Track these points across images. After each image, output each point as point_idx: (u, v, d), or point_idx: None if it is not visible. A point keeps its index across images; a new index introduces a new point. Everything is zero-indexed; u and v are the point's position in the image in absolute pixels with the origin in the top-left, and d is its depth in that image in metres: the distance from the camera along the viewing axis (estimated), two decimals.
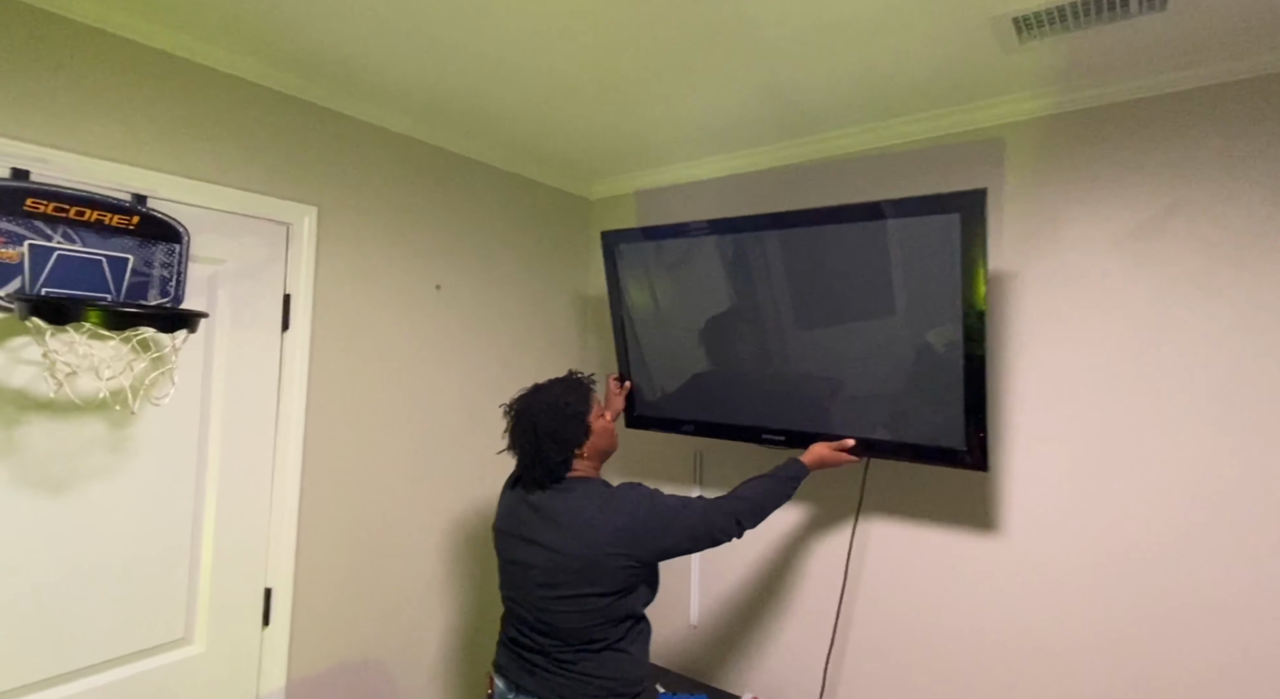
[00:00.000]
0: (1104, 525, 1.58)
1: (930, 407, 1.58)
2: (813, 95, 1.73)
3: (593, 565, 1.38)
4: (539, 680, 1.45)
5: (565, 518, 1.42)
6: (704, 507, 1.47)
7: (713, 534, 1.45)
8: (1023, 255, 1.69)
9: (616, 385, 2.12)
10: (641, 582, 1.45)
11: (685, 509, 1.45)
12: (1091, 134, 1.62)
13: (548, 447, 1.45)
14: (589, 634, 1.41)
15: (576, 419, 1.48)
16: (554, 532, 1.42)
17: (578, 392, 1.53)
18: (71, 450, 1.38)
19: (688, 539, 1.44)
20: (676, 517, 1.43)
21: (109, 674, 1.45)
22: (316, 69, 1.68)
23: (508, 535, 1.53)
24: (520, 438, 1.48)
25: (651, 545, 1.41)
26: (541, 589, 1.42)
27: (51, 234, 1.33)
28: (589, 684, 1.42)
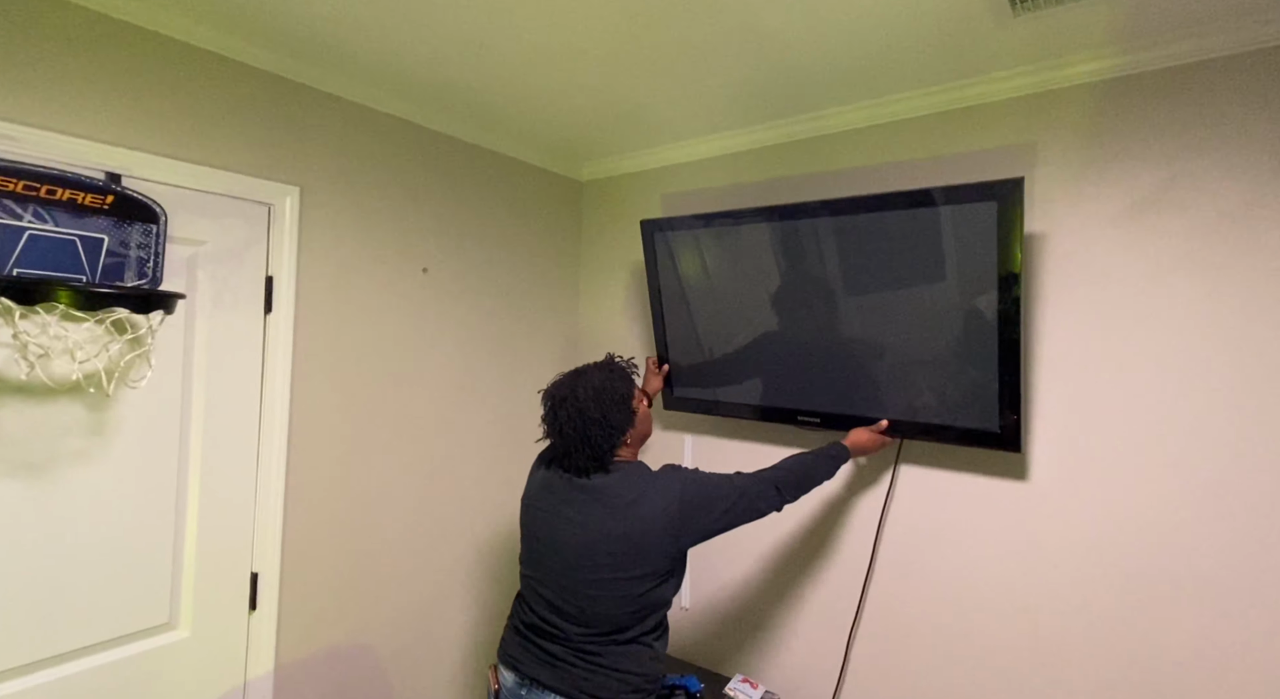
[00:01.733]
0: (1109, 500, 1.56)
1: (964, 388, 1.61)
2: (808, 70, 1.69)
3: (638, 547, 1.34)
4: (559, 674, 1.37)
5: (610, 498, 1.37)
6: (745, 481, 1.47)
7: (756, 505, 1.44)
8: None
9: (655, 367, 2.14)
10: (679, 567, 1.43)
11: (729, 485, 1.44)
12: (1096, 108, 1.59)
13: (595, 433, 1.39)
14: (620, 621, 1.37)
15: (624, 404, 1.43)
16: (597, 511, 1.37)
17: (624, 377, 1.49)
18: (48, 434, 1.36)
19: (733, 515, 1.41)
20: (722, 493, 1.41)
21: (94, 658, 1.44)
22: (299, 46, 1.64)
23: (540, 511, 1.47)
24: (565, 425, 1.41)
25: (699, 525, 1.38)
26: (578, 572, 1.37)
27: (21, 213, 1.30)
28: (614, 678, 1.36)
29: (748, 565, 2.14)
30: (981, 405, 1.59)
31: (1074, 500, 1.60)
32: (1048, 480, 1.63)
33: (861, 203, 1.69)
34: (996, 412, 1.57)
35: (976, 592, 1.72)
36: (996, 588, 1.69)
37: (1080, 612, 1.58)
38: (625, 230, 2.48)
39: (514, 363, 2.37)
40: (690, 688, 1.90)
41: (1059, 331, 1.63)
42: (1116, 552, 1.55)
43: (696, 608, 2.25)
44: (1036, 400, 1.65)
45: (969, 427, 1.62)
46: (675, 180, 2.35)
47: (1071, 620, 1.59)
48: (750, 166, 2.16)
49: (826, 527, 1.98)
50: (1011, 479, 1.68)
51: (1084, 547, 1.59)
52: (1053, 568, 1.62)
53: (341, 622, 1.87)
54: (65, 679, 1.39)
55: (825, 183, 1.98)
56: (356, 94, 1.87)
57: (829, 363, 1.84)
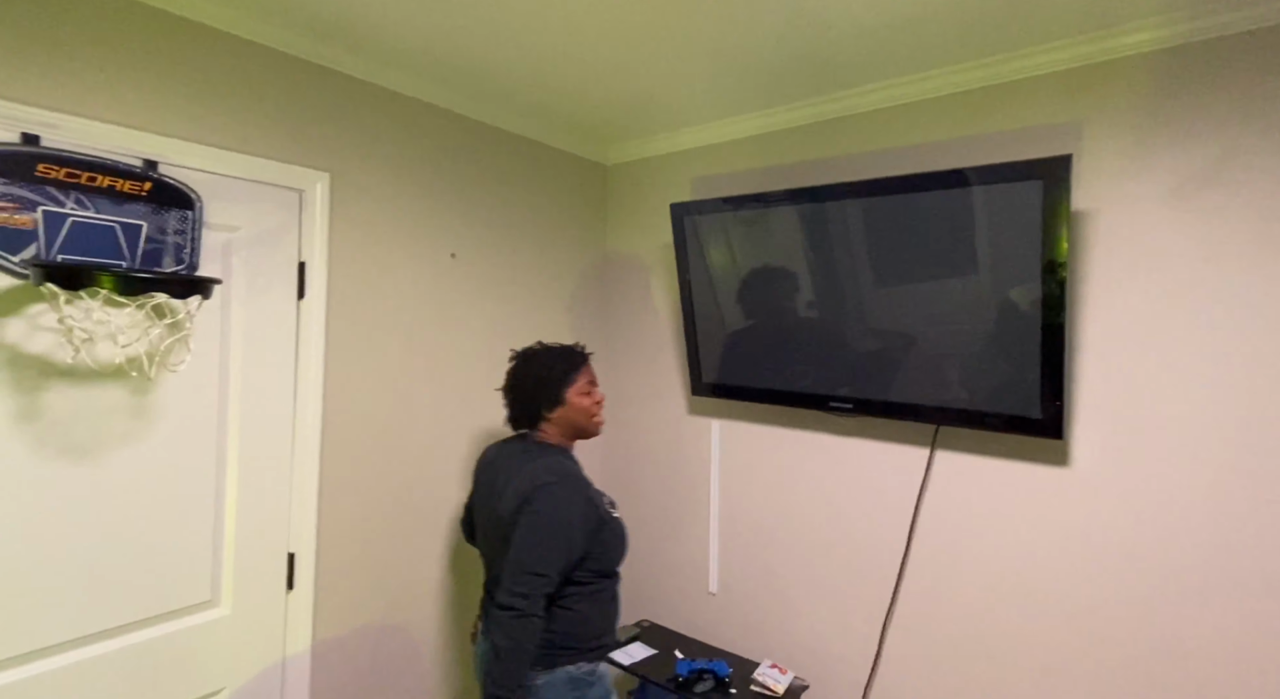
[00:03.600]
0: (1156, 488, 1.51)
1: (1003, 374, 1.57)
2: (840, 46, 1.65)
3: (502, 520, 1.49)
4: (487, 628, 1.50)
5: (512, 473, 1.53)
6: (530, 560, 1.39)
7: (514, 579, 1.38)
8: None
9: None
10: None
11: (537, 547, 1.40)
12: (1146, 80, 1.52)
13: (522, 396, 1.61)
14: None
15: (550, 385, 1.58)
16: (498, 480, 1.56)
17: (566, 361, 1.61)
18: (93, 416, 1.40)
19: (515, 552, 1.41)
20: (532, 539, 1.41)
21: (139, 634, 1.48)
22: (328, 31, 1.64)
23: (476, 481, 1.68)
24: (509, 380, 1.64)
25: (516, 534, 1.43)
26: (488, 540, 1.58)
27: (64, 200, 1.33)
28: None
29: (776, 550, 2.12)
30: (1022, 390, 1.55)
31: (1119, 487, 1.55)
32: (1091, 467, 1.59)
33: (899, 183, 1.65)
34: (1038, 397, 1.53)
35: (1015, 580, 1.69)
36: (1036, 577, 1.66)
37: (1124, 602, 1.54)
38: (652, 214, 2.45)
39: None
40: (718, 673, 1.90)
41: (1105, 314, 1.57)
42: (1163, 540, 1.50)
43: (723, 592, 2.25)
44: (1080, 385, 1.60)
45: (1009, 412, 1.58)
46: (703, 163, 2.31)
47: (1114, 611, 1.55)
48: (781, 148, 2.11)
49: (859, 512, 1.95)
50: (1052, 465, 1.63)
51: (1129, 535, 1.54)
52: (1095, 556, 1.58)
53: (376, 601, 1.91)
54: (117, 652, 1.44)
55: (859, 164, 1.94)
56: (385, 79, 1.87)
57: (862, 347, 1.80)
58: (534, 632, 1.39)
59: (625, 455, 2.56)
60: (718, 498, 2.27)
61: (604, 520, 1.52)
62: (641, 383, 2.50)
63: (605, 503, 1.57)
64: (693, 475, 2.34)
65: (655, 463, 2.46)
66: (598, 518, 1.49)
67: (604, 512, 1.53)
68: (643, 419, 2.50)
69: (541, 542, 1.42)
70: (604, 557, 1.52)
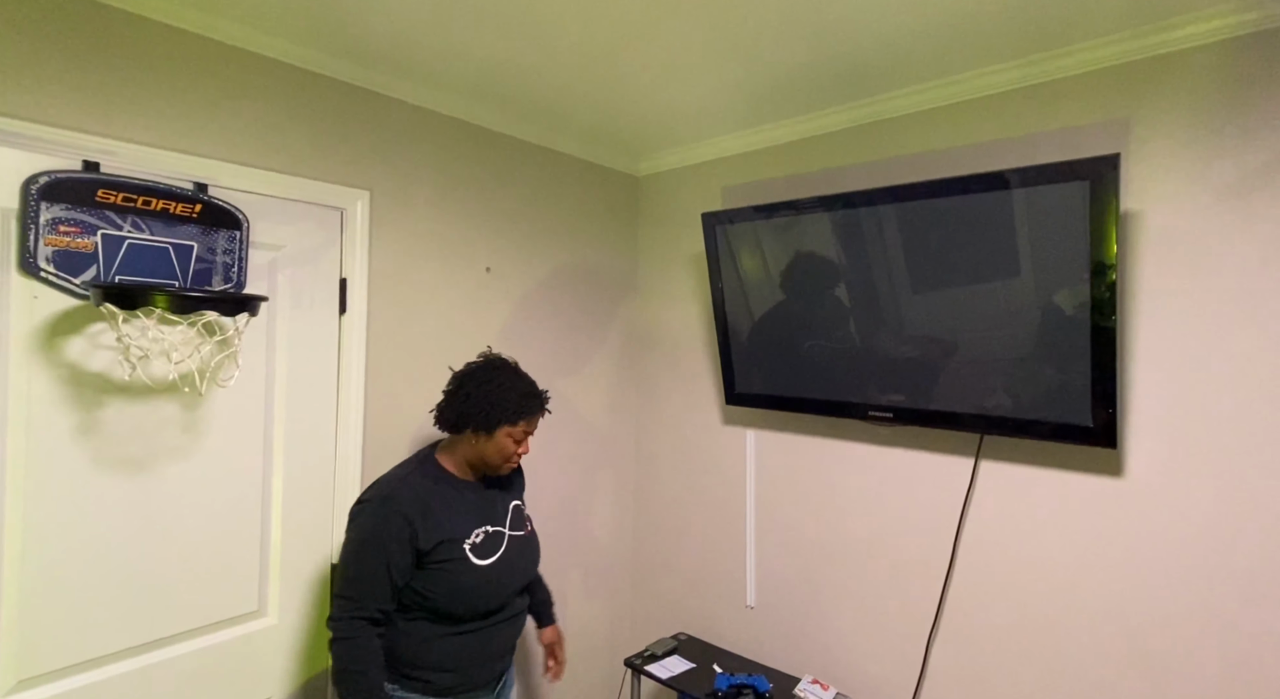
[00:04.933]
0: (1216, 499, 1.45)
1: (1051, 380, 1.52)
2: (873, 50, 1.63)
3: None
4: None
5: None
6: (341, 582, 1.38)
7: (332, 596, 1.39)
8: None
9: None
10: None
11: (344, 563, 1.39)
12: (1201, 75, 1.47)
13: (458, 404, 1.48)
14: None
15: (491, 413, 1.46)
16: None
17: (520, 401, 1.49)
18: (148, 431, 1.45)
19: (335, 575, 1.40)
20: (343, 556, 1.40)
21: (191, 643, 1.52)
22: (365, 52, 1.69)
23: None
24: (459, 381, 1.52)
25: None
26: None
27: (121, 224, 1.39)
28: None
29: (815, 563, 2.08)
30: (1071, 397, 1.50)
31: (1177, 499, 1.49)
32: (1146, 477, 1.52)
33: (937, 187, 1.62)
34: (1088, 404, 1.48)
35: (1066, 596, 1.62)
36: (1089, 592, 1.59)
37: (1184, 619, 1.47)
38: (683, 224, 2.45)
39: (575, 359, 2.39)
40: (759, 688, 1.87)
41: (1158, 317, 1.51)
42: (1225, 554, 1.43)
43: (762, 606, 2.21)
44: (1134, 392, 1.54)
45: (1057, 420, 1.52)
46: (734, 172, 2.30)
47: (1174, 628, 1.48)
48: (814, 155, 2.10)
49: (901, 524, 1.90)
50: (1106, 475, 1.57)
51: (1188, 548, 1.47)
52: (1152, 571, 1.51)
53: None
54: (170, 661, 1.48)
55: (894, 169, 1.91)
56: (420, 98, 1.91)
57: (901, 354, 1.77)
58: (355, 652, 1.33)
59: (658, 467, 2.55)
60: (753, 510, 2.24)
61: (442, 558, 1.40)
62: (674, 394, 2.49)
63: (468, 539, 1.44)
64: (727, 487, 2.32)
65: (689, 475, 2.44)
66: (416, 549, 1.38)
67: (454, 547, 1.41)
68: (675, 431, 2.49)
69: (348, 563, 1.38)
70: (439, 597, 1.40)
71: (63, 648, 1.35)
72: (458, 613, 1.43)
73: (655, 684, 2.34)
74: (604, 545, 2.53)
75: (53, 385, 1.33)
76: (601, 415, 2.50)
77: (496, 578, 1.47)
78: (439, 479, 1.48)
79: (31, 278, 1.29)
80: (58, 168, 1.32)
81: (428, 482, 1.46)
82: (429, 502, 1.42)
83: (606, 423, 2.51)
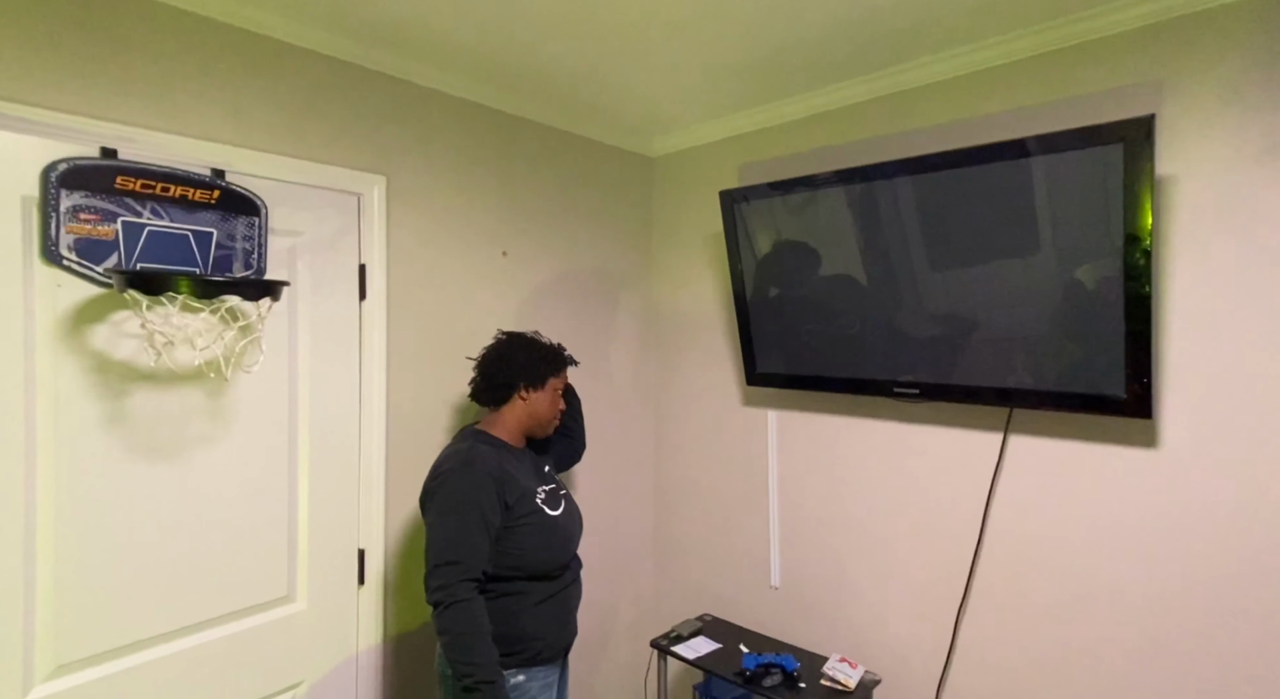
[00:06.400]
0: (1256, 469, 1.42)
1: (1082, 350, 1.49)
2: (893, 18, 1.59)
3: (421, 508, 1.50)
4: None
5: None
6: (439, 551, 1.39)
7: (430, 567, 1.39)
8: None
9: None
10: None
11: (440, 533, 1.41)
12: (1237, 30, 1.42)
13: (500, 370, 1.61)
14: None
15: (539, 366, 1.62)
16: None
17: (556, 356, 1.66)
18: (174, 419, 1.45)
19: (429, 547, 1.41)
20: (437, 524, 1.42)
21: (223, 629, 1.53)
22: (382, 37, 1.67)
23: None
24: (491, 353, 1.66)
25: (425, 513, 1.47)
26: None
27: (141, 211, 1.38)
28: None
29: (841, 542, 2.07)
30: (1103, 367, 1.47)
31: (1215, 469, 1.46)
32: (1184, 448, 1.49)
33: (959, 156, 1.58)
34: (1121, 374, 1.45)
35: (1099, 569, 1.60)
36: (1122, 565, 1.57)
37: (1221, 592, 1.45)
38: (700, 204, 2.42)
39: (592, 341, 2.37)
40: (786, 667, 1.86)
41: (1194, 283, 1.47)
42: (1265, 525, 1.40)
43: (786, 585, 2.20)
44: (1168, 360, 1.51)
45: (1089, 392, 1.50)
46: (751, 149, 2.27)
47: (1210, 601, 1.46)
48: (833, 129, 2.06)
49: (928, 501, 1.89)
50: (1140, 447, 1.54)
51: (1226, 519, 1.44)
52: (1189, 543, 1.49)
53: None
54: (203, 646, 1.49)
55: (917, 140, 1.86)
56: (433, 80, 1.89)
57: (927, 330, 1.74)
58: (470, 615, 1.35)
59: (678, 450, 2.54)
60: (776, 490, 2.22)
61: (523, 512, 1.48)
62: (693, 375, 2.48)
63: (538, 494, 1.53)
64: (750, 468, 2.30)
65: (710, 456, 2.43)
66: (505, 504, 1.45)
67: (529, 501, 1.50)
68: (696, 412, 2.47)
69: (446, 530, 1.40)
70: (524, 555, 1.47)
71: (99, 634, 1.36)
72: (545, 567, 1.51)
73: (681, 665, 2.35)
74: (626, 528, 2.52)
75: (79, 374, 1.33)
76: (620, 398, 2.49)
77: (565, 528, 1.58)
78: (497, 446, 1.56)
79: (54, 266, 1.29)
80: (76, 155, 1.31)
81: (491, 449, 1.53)
82: (501, 464, 1.50)
83: (625, 406, 2.50)
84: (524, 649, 1.47)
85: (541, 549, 1.50)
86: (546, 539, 1.51)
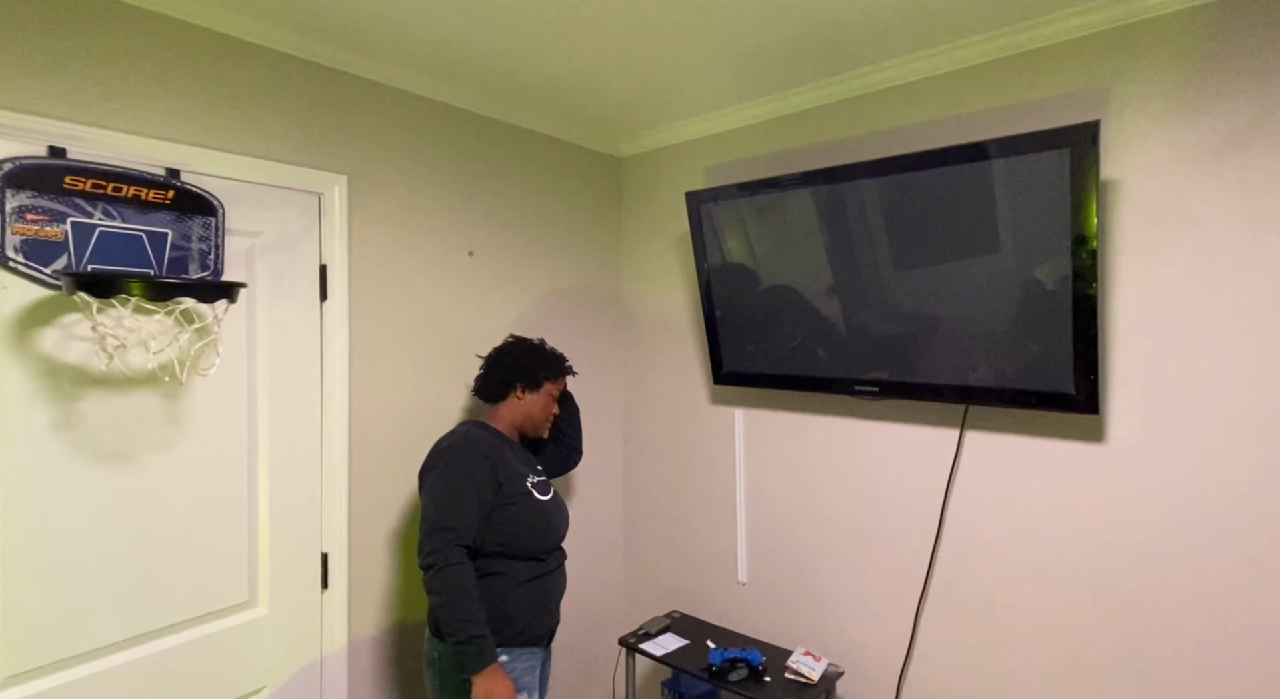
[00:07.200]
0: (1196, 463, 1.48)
1: (1034, 348, 1.54)
2: (853, 23, 1.62)
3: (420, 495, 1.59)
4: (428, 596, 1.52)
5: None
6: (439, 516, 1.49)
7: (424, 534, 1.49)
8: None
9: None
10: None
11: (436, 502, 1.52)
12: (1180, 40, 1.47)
13: (502, 367, 1.77)
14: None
15: (536, 369, 1.76)
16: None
17: (556, 362, 1.81)
18: (128, 423, 1.43)
19: (424, 515, 1.52)
20: (432, 493, 1.54)
21: (181, 635, 1.51)
22: (341, 35, 1.65)
23: None
24: (498, 352, 1.82)
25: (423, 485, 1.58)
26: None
27: (92, 211, 1.35)
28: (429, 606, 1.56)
29: (806, 538, 2.11)
30: (1054, 365, 1.52)
31: (1159, 462, 1.51)
32: (1129, 442, 1.55)
33: (917, 160, 1.62)
34: (1071, 371, 1.49)
35: (1052, 560, 1.65)
36: (1073, 556, 1.62)
37: (1168, 581, 1.50)
38: (667, 204, 2.44)
39: (560, 341, 2.36)
40: (752, 661, 1.89)
41: (1139, 283, 1.53)
42: (1207, 517, 1.46)
43: (754, 581, 2.23)
44: (1115, 358, 1.56)
45: (1041, 389, 1.54)
46: (717, 151, 2.29)
47: (1158, 590, 1.51)
48: (796, 132, 2.09)
49: (888, 496, 1.93)
50: (1088, 441, 1.60)
51: (1171, 511, 1.50)
52: (1136, 534, 1.54)
53: (409, 598, 1.92)
54: (161, 654, 1.47)
55: (876, 144, 1.90)
56: (397, 80, 1.88)
57: (886, 329, 1.78)
58: (461, 578, 1.43)
59: (647, 448, 2.56)
60: (744, 487, 2.25)
61: (513, 492, 1.59)
62: (661, 374, 2.50)
63: (528, 479, 1.66)
64: (717, 466, 2.33)
65: (678, 455, 2.45)
66: (497, 482, 1.56)
67: (519, 483, 1.62)
68: (664, 411, 2.49)
69: (442, 498, 1.51)
70: (511, 533, 1.57)
71: (51, 643, 1.33)
72: (534, 545, 1.61)
73: (650, 662, 2.36)
74: (595, 527, 2.53)
75: (27, 378, 1.30)
76: (589, 398, 2.49)
77: (553, 515, 1.68)
78: (495, 433, 1.69)
79: (0, 268, 1.26)
80: (22, 154, 1.28)
81: (488, 434, 1.67)
82: (497, 447, 1.64)
83: (594, 405, 2.51)
84: (505, 628, 1.53)
85: (527, 530, 1.60)
86: (533, 521, 1.61)
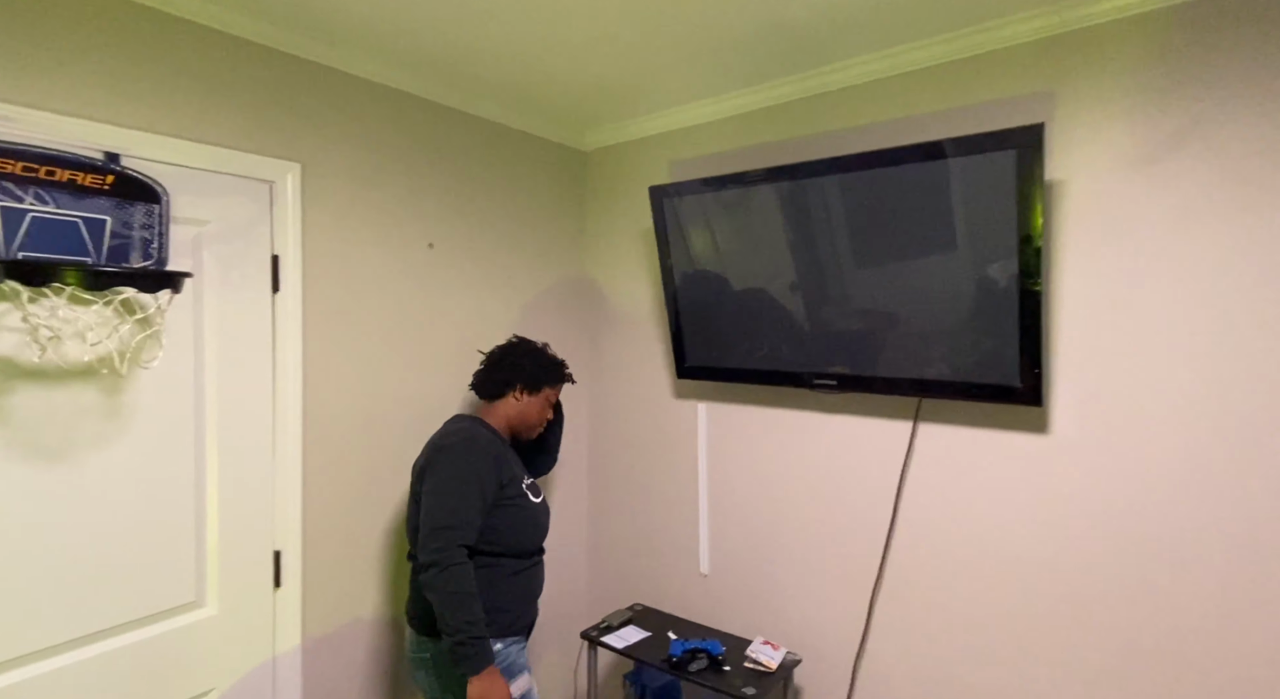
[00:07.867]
0: (1133, 453, 1.54)
1: (986, 343, 1.58)
2: (812, 22, 1.64)
3: (417, 489, 1.59)
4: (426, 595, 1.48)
5: (428, 443, 1.67)
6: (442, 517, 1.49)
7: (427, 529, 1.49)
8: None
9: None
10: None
11: (440, 500, 1.52)
12: (1118, 47, 1.53)
13: (503, 366, 1.77)
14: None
15: (537, 373, 1.77)
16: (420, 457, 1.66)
17: (557, 369, 1.81)
18: (64, 418, 1.36)
19: (425, 508, 1.53)
20: (436, 495, 1.52)
21: (124, 637, 1.46)
22: (294, 17, 1.60)
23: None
24: (500, 350, 1.82)
25: (426, 486, 1.56)
26: (409, 514, 1.64)
27: (23, 195, 1.29)
28: (414, 604, 1.60)
29: (766, 530, 2.14)
30: (1003, 360, 1.57)
31: (1098, 453, 1.58)
32: (1070, 433, 1.61)
33: (875, 158, 1.65)
34: (1017, 366, 1.55)
35: (998, 547, 1.71)
36: (1018, 543, 1.68)
37: (1107, 567, 1.57)
38: (631, 198, 2.44)
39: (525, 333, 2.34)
40: (712, 651, 1.91)
41: (1080, 281, 1.59)
42: (1143, 504, 1.53)
43: (715, 573, 2.26)
44: (1058, 353, 1.62)
45: (989, 382, 1.60)
46: (682, 145, 2.30)
47: (1098, 576, 1.58)
48: (759, 128, 2.11)
49: (845, 488, 1.97)
50: (1033, 433, 1.66)
51: (1109, 499, 1.57)
52: (1076, 521, 1.61)
53: (365, 597, 1.89)
54: (102, 656, 1.42)
55: (837, 141, 1.93)
56: (354, 66, 1.83)
57: (845, 324, 1.81)
58: (463, 578, 1.44)
59: (610, 442, 2.56)
60: (706, 480, 2.27)
61: (513, 494, 1.61)
62: (625, 368, 2.50)
63: (524, 481, 1.68)
64: (680, 459, 2.34)
65: (642, 448, 2.46)
66: (500, 483, 1.58)
67: (517, 485, 1.64)
68: (627, 405, 2.50)
69: (446, 496, 1.51)
70: (507, 532, 1.59)
71: None
72: (523, 545, 1.63)
73: (613, 656, 2.37)
74: (558, 520, 2.52)
75: None
76: None
77: (542, 517, 1.71)
78: (493, 431, 1.69)
79: None
80: None
81: (490, 433, 1.67)
82: (499, 447, 1.65)
83: None
84: (497, 619, 1.56)
85: (517, 531, 1.62)
86: (524, 523, 1.64)
